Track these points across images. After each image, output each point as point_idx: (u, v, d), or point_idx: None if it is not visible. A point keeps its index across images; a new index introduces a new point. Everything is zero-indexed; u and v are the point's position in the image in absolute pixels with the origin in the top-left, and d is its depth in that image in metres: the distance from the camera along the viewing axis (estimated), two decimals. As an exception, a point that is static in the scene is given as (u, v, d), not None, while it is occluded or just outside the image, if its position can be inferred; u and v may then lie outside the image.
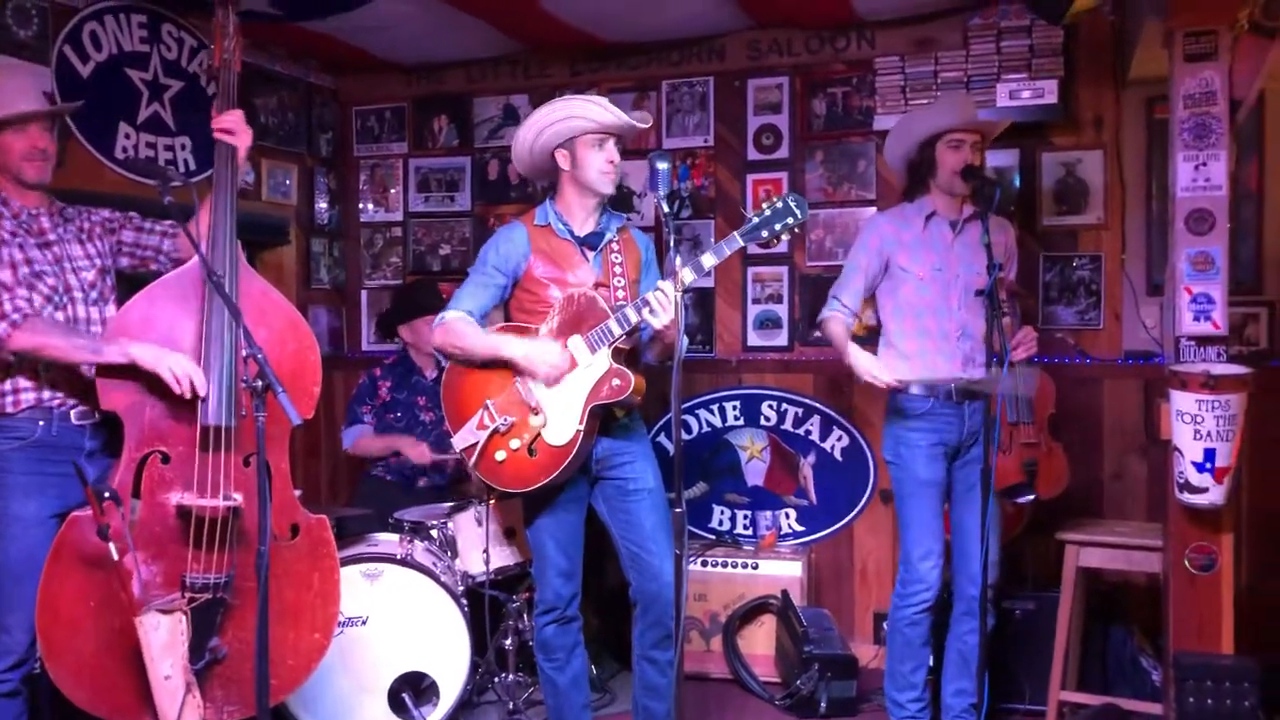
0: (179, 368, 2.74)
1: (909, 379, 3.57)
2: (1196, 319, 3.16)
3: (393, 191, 5.43)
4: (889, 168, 3.98)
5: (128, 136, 4.19)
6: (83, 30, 3.98)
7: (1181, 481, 3.06)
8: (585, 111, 3.22)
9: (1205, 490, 3.02)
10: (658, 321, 3.06)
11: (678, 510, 2.81)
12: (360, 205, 5.49)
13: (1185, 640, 3.17)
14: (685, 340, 3.27)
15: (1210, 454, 2.98)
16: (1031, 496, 3.81)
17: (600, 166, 3.25)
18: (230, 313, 2.66)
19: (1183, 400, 3.01)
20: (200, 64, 4.53)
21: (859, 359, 3.50)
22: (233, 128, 3.00)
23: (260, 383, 2.49)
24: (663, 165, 2.90)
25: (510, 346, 3.22)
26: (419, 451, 4.47)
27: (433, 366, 4.71)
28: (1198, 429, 2.99)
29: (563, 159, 3.29)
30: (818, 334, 4.74)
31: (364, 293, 5.51)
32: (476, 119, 5.27)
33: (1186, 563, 3.16)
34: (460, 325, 3.27)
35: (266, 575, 2.51)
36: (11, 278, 2.80)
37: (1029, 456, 3.68)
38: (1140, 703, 3.63)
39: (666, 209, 2.87)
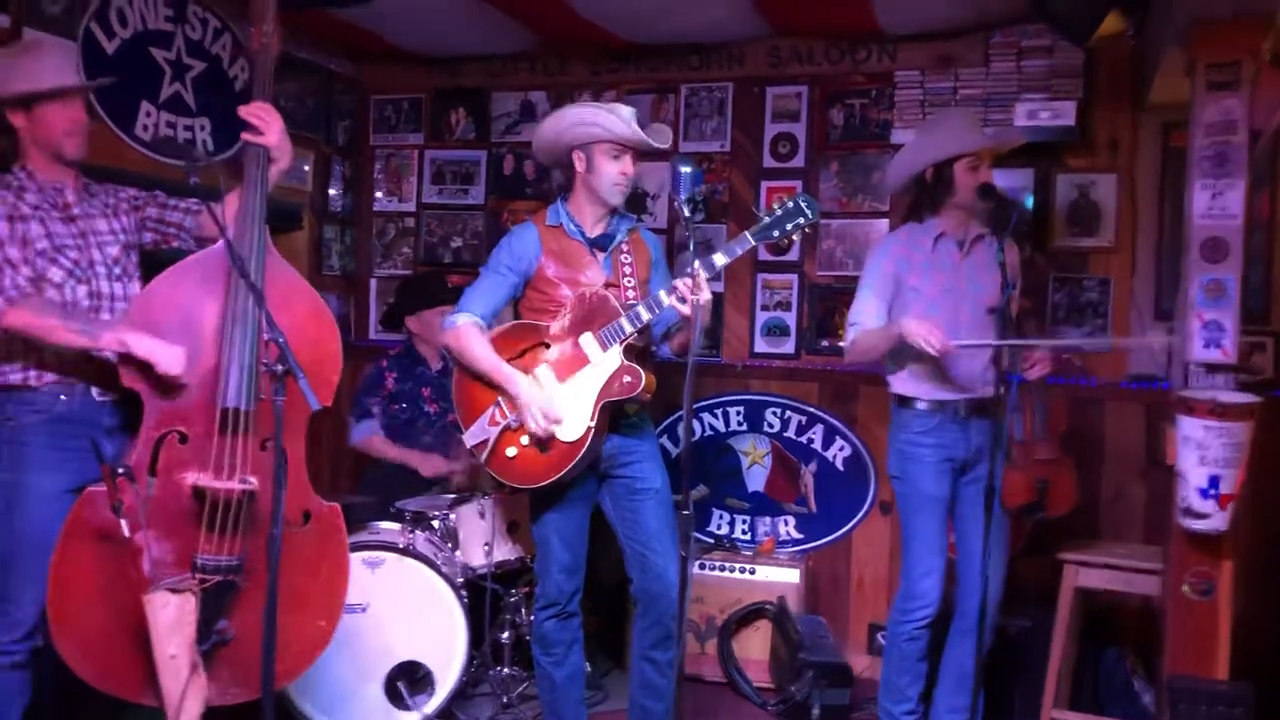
0: (173, 364, 2.76)
1: (914, 396, 3.61)
2: (1207, 346, 3.19)
3: (408, 182, 5.44)
4: (889, 187, 4.02)
5: (149, 115, 4.20)
6: (110, 7, 3.99)
7: (1185, 506, 3.09)
8: (609, 124, 3.26)
9: (1208, 516, 3.05)
10: (686, 308, 3.06)
11: (685, 513, 2.84)
12: (375, 194, 5.50)
13: (1181, 664, 3.21)
14: (701, 337, 3.29)
15: (1215, 480, 3.02)
16: (1040, 515, 3.81)
17: (614, 178, 3.30)
18: (253, 296, 2.67)
19: (1190, 426, 3.05)
20: (223, 46, 4.54)
21: (909, 323, 3.40)
22: (264, 115, 3.00)
23: (281, 367, 2.50)
24: (686, 169, 2.95)
25: (512, 383, 3.25)
26: (431, 465, 4.51)
27: (438, 358, 4.72)
28: (1203, 455, 3.02)
29: (579, 161, 3.33)
30: (825, 343, 4.80)
31: (373, 281, 5.52)
32: (494, 114, 5.29)
33: (1186, 588, 3.20)
34: (472, 335, 3.31)
35: (278, 558, 2.52)
36: (19, 255, 2.82)
37: (1041, 475, 3.69)
38: (1133, 724, 3.67)
39: (688, 213, 2.90)
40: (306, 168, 5.11)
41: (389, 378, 4.69)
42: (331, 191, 5.32)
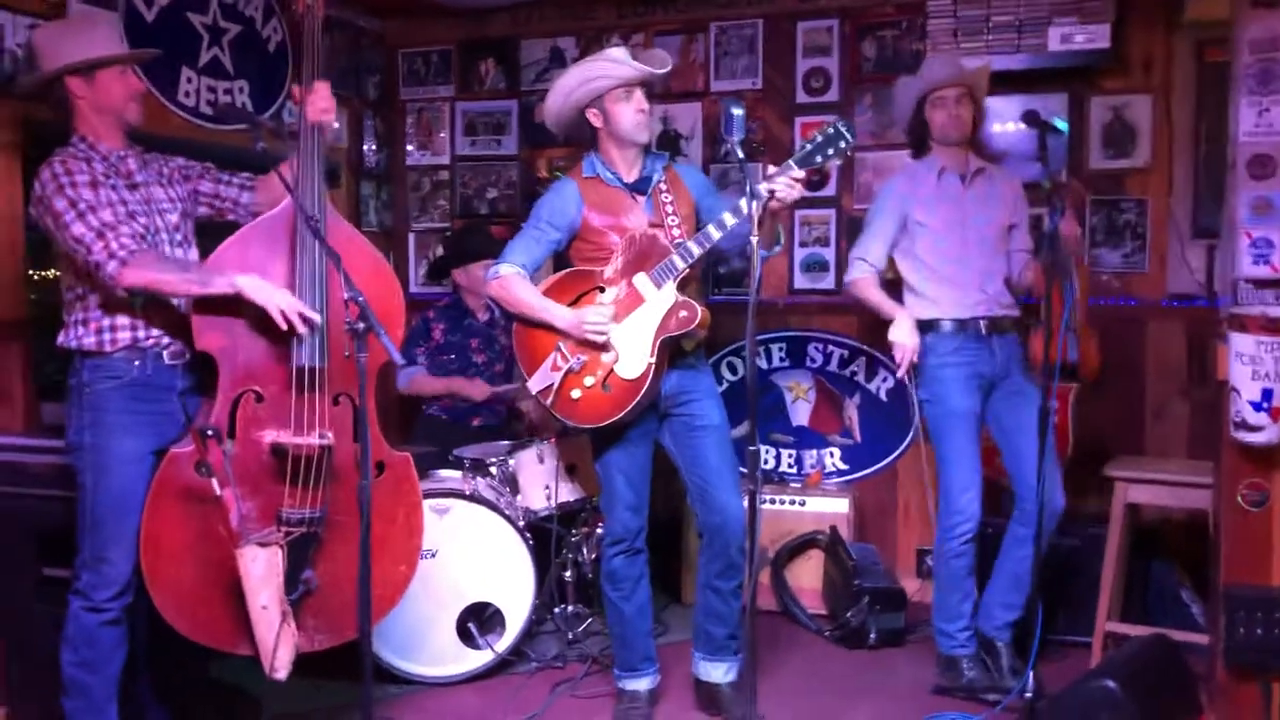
0: (285, 303, 2.84)
1: (937, 317, 3.77)
2: (1255, 262, 3.22)
3: (440, 135, 5.48)
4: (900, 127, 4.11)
5: (189, 81, 4.25)
6: (148, -24, 4.03)
7: (1238, 420, 3.14)
8: (606, 70, 3.33)
9: (1262, 429, 3.10)
10: (797, 190, 3.17)
11: (751, 448, 2.92)
12: (407, 148, 5.54)
13: (1237, 573, 3.27)
14: (780, 246, 3.47)
15: (1268, 394, 3.06)
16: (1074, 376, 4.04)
17: (633, 118, 3.36)
18: (329, 256, 2.73)
19: (1242, 342, 3.09)
20: (255, 7, 4.57)
21: (899, 329, 3.76)
22: (329, 108, 3.07)
23: (362, 325, 2.57)
24: (738, 111, 2.97)
25: (558, 314, 3.34)
26: (477, 387, 4.59)
27: (484, 309, 4.80)
28: (1256, 369, 3.07)
29: (595, 118, 3.40)
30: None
31: (411, 235, 5.58)
32: (523, 62, 5.31)
33: (1240, 498, 3.26)
34: (515, 282, 3.40)
35: (369, 508, 2.61)
36: (112, 216, 2.87)
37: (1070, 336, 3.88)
38: (1186, 634, 3.75)
39: (741, 154, 2.95)
40: (339, 125, 5.15)
41: (436, 329, 4.77)
42: (366, 148, 5.37)
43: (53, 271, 3.54)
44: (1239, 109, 3.23)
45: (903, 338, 3.75)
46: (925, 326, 3.80)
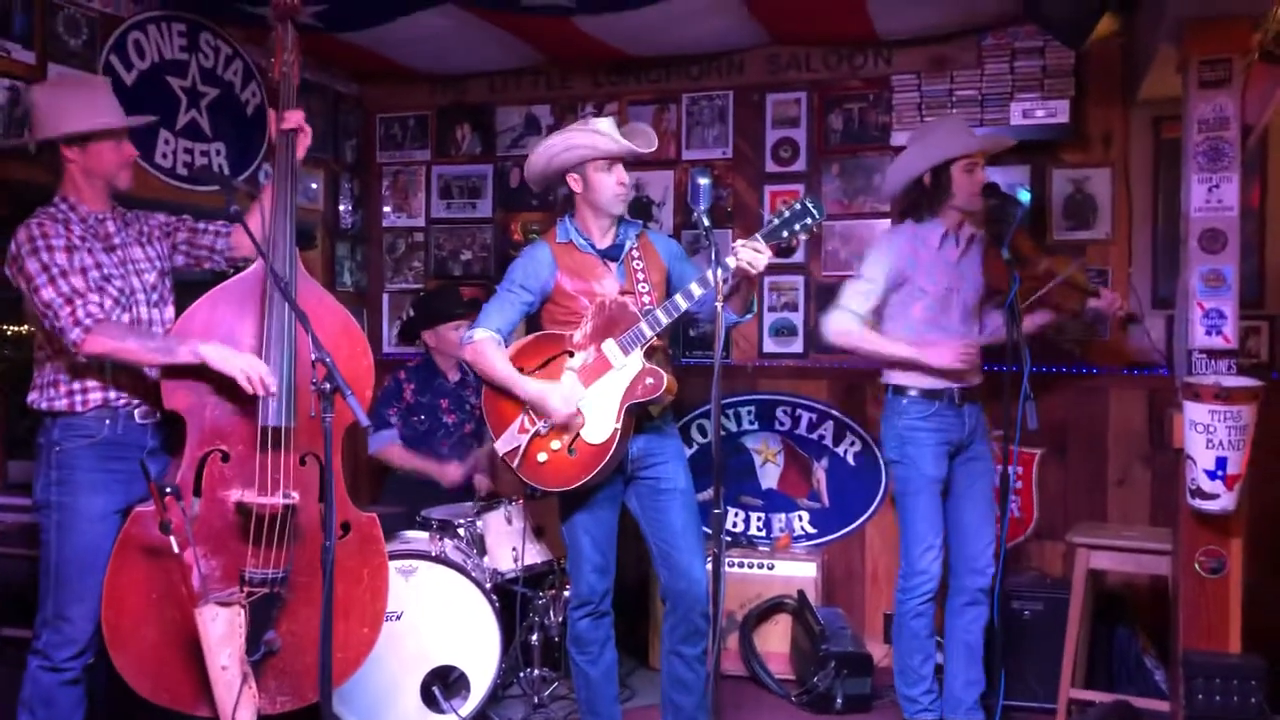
0: (250, 368, 2.86)
1: (914, 385, 3.78)
2: (1209, 333, 3.31)
3: (416, 198, 5.54)
4: (887, 193, 4.18)
5: (167, 143, 4.29)
6: (128, 39, 4.09)
7: (1194, 488, 3.21)
8: (592, 141, 3.39)
9: (1217, 496, 3.17)
10: (764, 258, 3.19)
11: (716, 511, 2.95)
12: (383, 210, 5.60)
13: (1195, 640, 3.32)
14: (751, 314, 3.51)
15: (1222, 462, 3.13)
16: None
17: (612, 190, 3.43)
18: (297, 316, 2.77)
19: (1196, 410, 3.16)
20: (234, 72, 4.64)
21: (941, 353, 3.69)
22: (300, 125, 3.14)
23: (328, 385, 2.60)
24: (705, 181, 3.05)
25: (524, 386, 3.39)
26: (449, 473, 4.60)
27: (455, 369, 4.83)
28: (1210, 438, 3.14)
29: (575, 183, 3.47)
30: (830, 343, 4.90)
31: (385, 296, 5.62)
32: (499, 128, 5.39)
33: (1197, 565, 3.31)
34: (489, 348, 3.44)
35: (332, 569, 2.62)
36: (83, 283, 2.90)
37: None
38: (1149, 700, 3.77)
39: (707, 222, 3.02)
40: (315, 185, 5.21)
41: (407, 389, 4.79)
42: (342, 209, 5.43)
43: (26, 328, 3.56)
44: (1190, 185, 3.33)
45: (949, 358, 3.70)
46: (898, 391, 3.84)
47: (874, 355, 3.86)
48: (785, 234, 3.24)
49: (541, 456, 3.37)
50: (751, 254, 3.19)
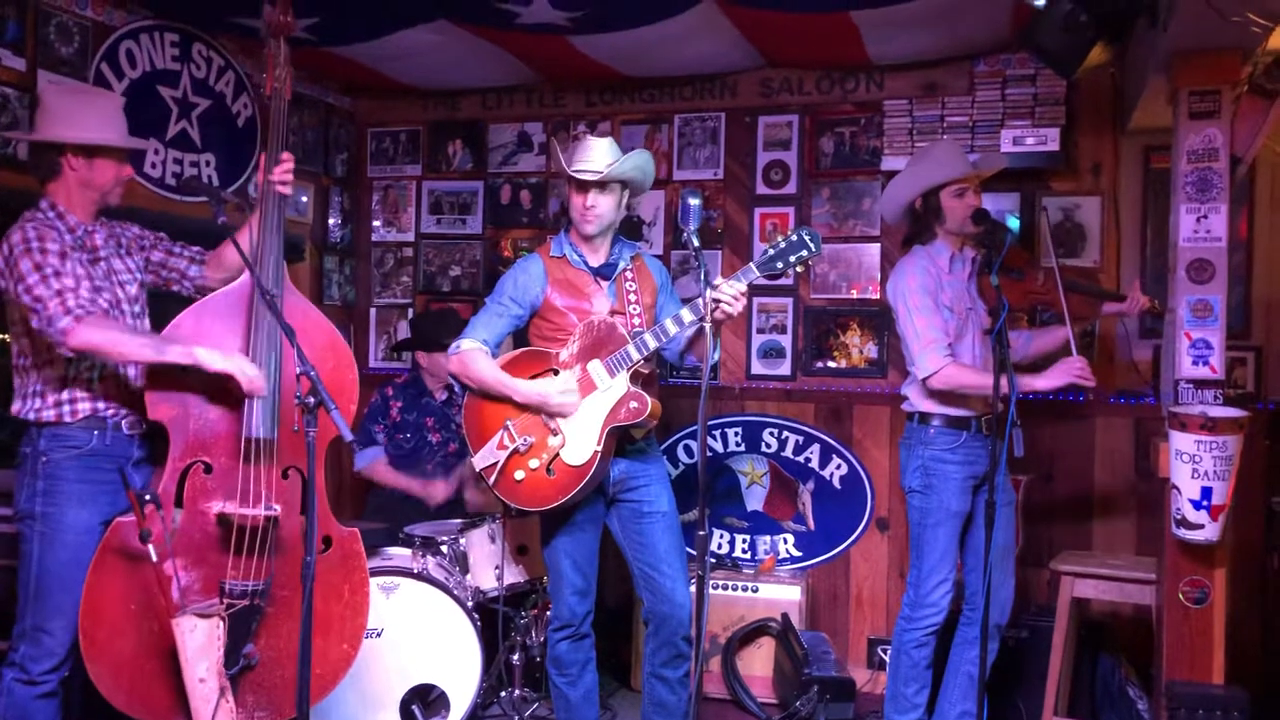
0: (244, 367, 2.84)
1: (939, 412, 3.71)
2: (1195, 363, 3.32)
3: (406, 213, 5.54)
4: (885, 219, 4.18)
5: (157, 153, 4.28)
6: (119, 48, 4.08)
7: (1179, 518, 3.20)
8: (567, 163, 3.40)
9: (1201, 527, 3.17)
10: (739, 306, 3.11)
11: (701, 533, 2.93)
12: (373, 224, 5.59)
13: (1178, 670, 3.31)
14: (718, 355, 3.44)
15: (1207, 492, 3.13)
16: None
17: (579, 210, 3.43)
18: (283, 330, 2.75)
19: (1182, 440, 3.16)
20: (226, 83, 4.63)
21: (1056, 374, 3.59)
22: (289, 180, 3.11)
23: (312, 399, 2.58)
24: (695, 202, 3.04)
25: (519, 388, 3.35)
26: (436, 491, 4.58)
27: (442, 389, 4.81)
28: (1195, 468, 3.13)
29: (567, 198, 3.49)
30: (820, 365, 4.91)
31: (373, 310, 5.60)
32: (491, 144, 5.40)
33: (1181, 595, 3.31)
34: (476, 357, 3.40)
35: (312, 584, 2.59)
36: (74, 283, 2.87)
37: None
38: (1130, 730, 3.76)
39: (697, 243, 3.00)
40: (305, 199, 5.19)
41: (394, 406, 4.77)
42: (331, 223, 5.41)
43: (4, 337, 3.52)
44: (1179, 215, 3.35)
45: (1061, 375, 3.58)
46: (924, 419, 3.74)
47: (983, 389, 3.52)
48: (780, 265, 3.20)
49: (519, 474, 3.34)
50: (730, 298, 3.09)
